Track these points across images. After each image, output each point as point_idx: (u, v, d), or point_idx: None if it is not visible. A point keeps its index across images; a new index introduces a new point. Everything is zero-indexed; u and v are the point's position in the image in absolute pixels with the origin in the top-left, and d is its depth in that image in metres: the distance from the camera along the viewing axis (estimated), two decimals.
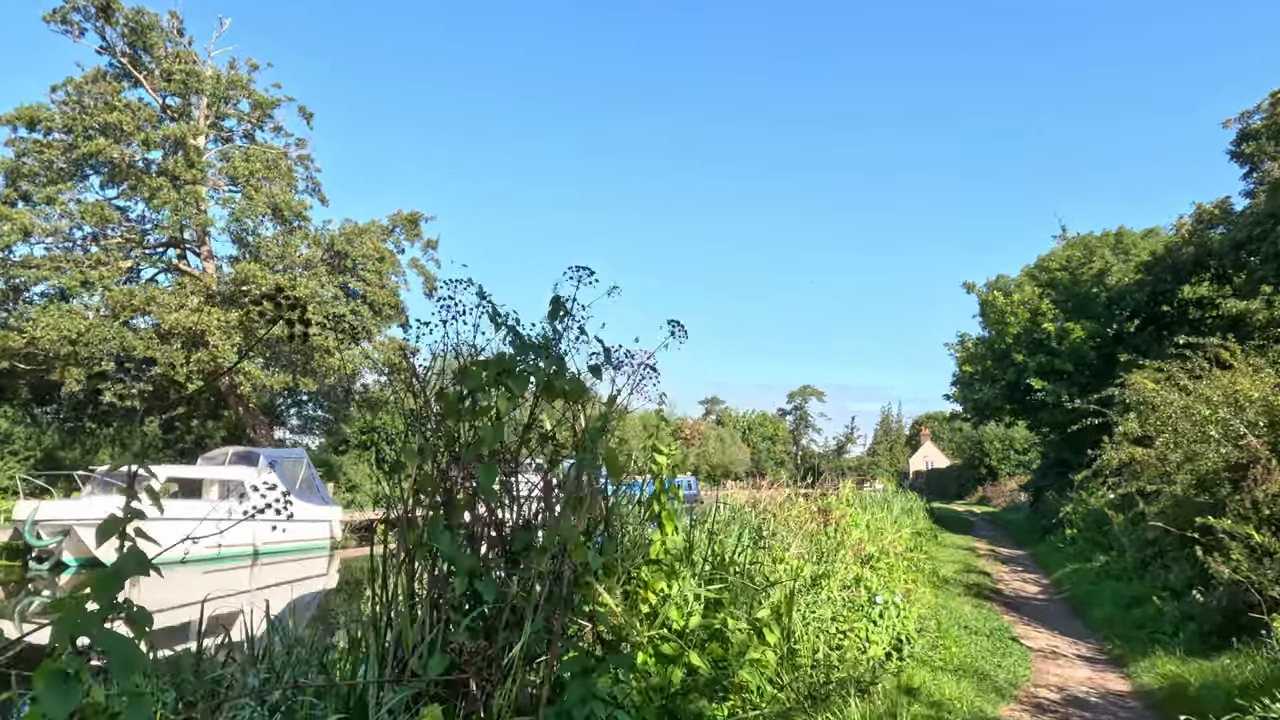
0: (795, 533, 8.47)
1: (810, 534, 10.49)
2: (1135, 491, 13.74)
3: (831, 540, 10.52)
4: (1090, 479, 18.04)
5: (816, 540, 10.32)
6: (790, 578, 6.32)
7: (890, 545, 12.98)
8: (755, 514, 8.58)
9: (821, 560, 7.86)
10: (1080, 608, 11.34)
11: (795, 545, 8.08)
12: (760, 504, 10.15)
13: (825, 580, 7.02)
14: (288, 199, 24.33)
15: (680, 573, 3.80)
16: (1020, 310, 25.04)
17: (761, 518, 8.24)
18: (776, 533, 8.01)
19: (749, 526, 7.66)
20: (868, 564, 7.75)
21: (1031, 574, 15.76)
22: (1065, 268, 25.54)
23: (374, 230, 27.81)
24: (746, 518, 8.20)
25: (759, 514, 8.39)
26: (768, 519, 8.35)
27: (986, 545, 21.03)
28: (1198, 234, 23.53)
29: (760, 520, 8.16)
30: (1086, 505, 18.55)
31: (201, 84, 23.14)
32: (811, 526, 11.01)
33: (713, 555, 5.56)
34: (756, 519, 8.24)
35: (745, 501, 11.69)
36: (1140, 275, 24.62)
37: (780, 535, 8.59)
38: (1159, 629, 8.79)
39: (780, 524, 9.17)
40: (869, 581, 6.96)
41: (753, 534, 7.56)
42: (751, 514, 8.40)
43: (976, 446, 58.57)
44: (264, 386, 23.36)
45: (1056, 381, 24.26)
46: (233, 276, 23.15)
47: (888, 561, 11.90)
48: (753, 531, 7.55)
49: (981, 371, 26.50)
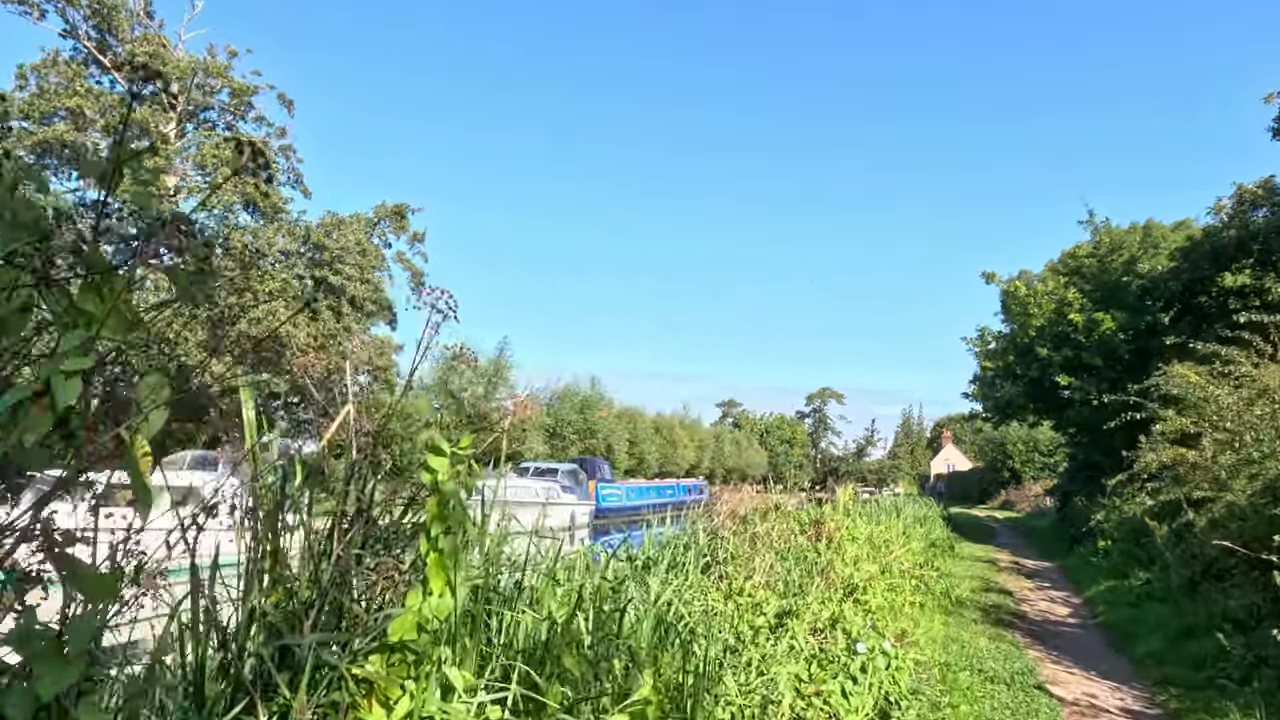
0: (766, 553, 6.81)
1: (796, 553, 8.86)
2: (1182, 498, 11.96)
3: (823, 559, 8.88)
4: (1125, 484, 16.19)
5: (805, 561, 8.69)
6: (735, 623, 4.68)
7: (896, 561, 11.30)
8: (713, 531, 6.91)
9: (790, 592, 6.21)
10: (1120, 638, 9.56)
11: (762, 572, 6.42)
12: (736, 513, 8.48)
13: (794, 620, 5.38)
14: (262, 191, 23.03)
15: (442, 662, 2.20)
16: (1045, 301, 23.14)
17: (719, 535, 6.58)
18: (737, 555, 6.35)
19: (696, 549, 6.02)
20: (852, 595, 6.09)
21: (1059, 591, 13.96)
22: (1094, 254, 23.63)
23: (357, 223, 26.47)
24: (695, 538, 6.54)
25: (720, 530, 6.72)
26: (731, 536, 6.69)
27: (1009, 556, 19.18)
28: (1239, 216, 21.55)
29: (715, 539, 6.51)
30: (1121, 513, 16.67)
31: (167, 67, 21.90)
32: (800, 542, 9.38)
33: (581, 610, 3.67)
34: (707, 539, 6.58)
35: (727, 511, 10.08)
36: (1175, 263, 22.64)
37: (754, 557, 6.96)
38: (1224, 673, 7.05)
39: (754, 541, 7.51)
40: (849, 624, 5.30)
41: (701, 558, 5.92)
42: (703, 532, 6.73)
43: (999, 448, 56.26)
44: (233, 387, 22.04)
45: (1084, 377, 22.35)
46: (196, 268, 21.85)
47: (892, 581, 10.21)
48: (700, 555, 5.91)
49: (1003, 368, 24.61)
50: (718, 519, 6.91)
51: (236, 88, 25.89)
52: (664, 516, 9.92)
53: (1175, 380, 15.06)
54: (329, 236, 24.14)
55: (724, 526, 6.84)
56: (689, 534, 6.57)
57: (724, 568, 6.11)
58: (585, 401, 58.33)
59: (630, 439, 64.00)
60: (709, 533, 6.74)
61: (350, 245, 24.49)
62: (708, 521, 7.04)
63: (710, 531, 6.79)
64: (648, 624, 3.62)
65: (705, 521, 7.12)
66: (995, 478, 56.65)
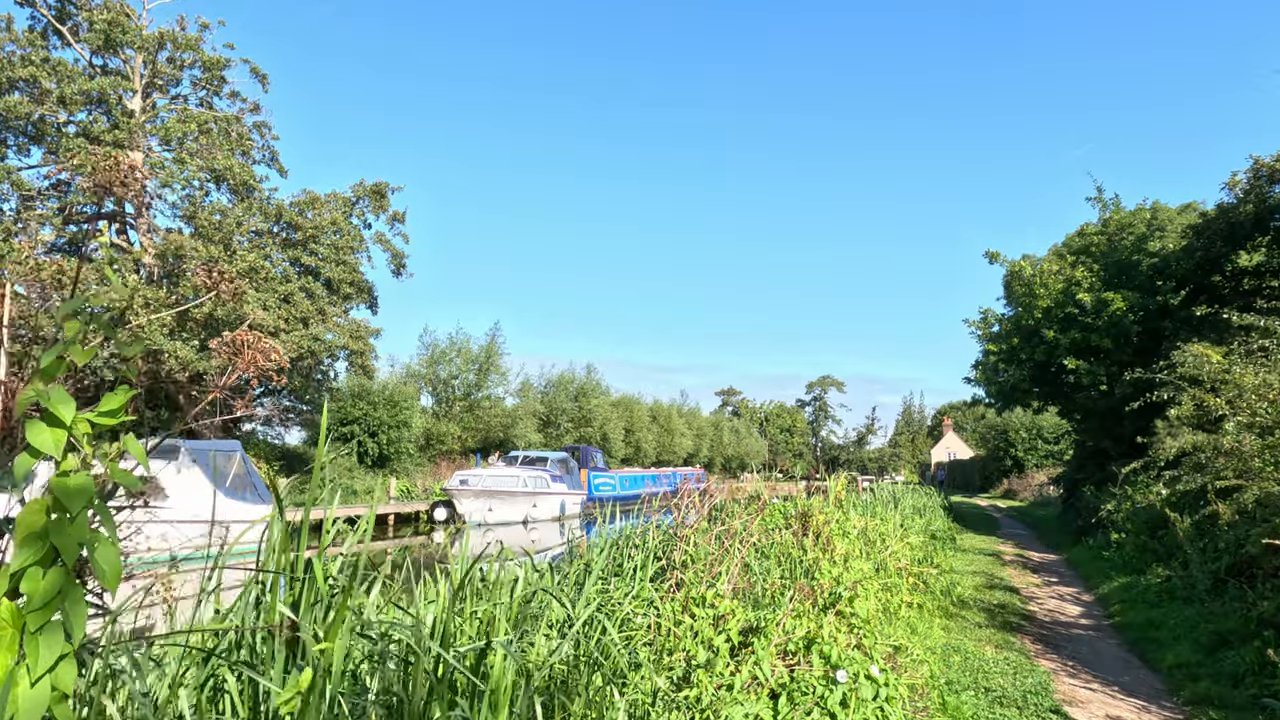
0: (742, 551, 5.79)
1: (779, 550, 7.86)
2: (1208, 487, 10.96)
3: (808, 558, 7.89)
4: (1139, 472, 15.20)
5: (788, 560, 7.69)
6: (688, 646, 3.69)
7: (893, 558, 10.31)
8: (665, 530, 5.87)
9: (764, 602, 5.21)
10: (1141, 643, 8.57)
11: (729, 578, 5.42)
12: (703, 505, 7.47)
13: (760, 639, 4.38)
14: (230, 165, 21.90)
15: None
16: (1051, 280, 22.06)
17: (678, 534, 5.54)
18: (697, 558, 5.33)
19: (644, 550, 5.01)
20: (833, 608, 5.08)
21: (1069, 587, 12.98)
22: (1103, 232, 22.55)
23: (335, 202, 25.34)
24: (643, 540, 5.50)
25: (674, 530, 5.69)
26: (692, 534, 5.67)
27: (1013, 549, 18.21)
28: (1256, 191, 20.44)
29: (671, 539, 5.50)
30: (1133, 504, 15.66)
31: (127, 35, 20.75)
32: (786, 538, 8.38)
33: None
34: (656, 540, 5.56)
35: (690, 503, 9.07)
36: (1188, 240, 21.56)
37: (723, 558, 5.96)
38: (1271, 690, 6.06)
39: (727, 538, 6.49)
40: (826, 646, 4.29)
41: (654, 561, 4.91)
42: (651, 533, 5.69)
43: (1001, 436, 55.21)
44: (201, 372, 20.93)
45: (1093, 360, 21.32)
46: (161, 248, 20.77)
47: (887, 580, 9.22)
48: (653, 558, 4.90)
49: (1006, 351, 23.55)
50: (680, 512, 5.89)
51: (207, 61, 24.74)
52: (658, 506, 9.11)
53: (1195, 359, 14.04)
54: (303, 215, 23.02)
55: (688, 521, 5.81)
56: (639, 532, 5.56)
57: (682, 573, 5.10)
58: (581, 389, 57.36)
59: (627, 427, 63.07)
60: (667, 530, 5.72)
61: (325, 225, 23.38)
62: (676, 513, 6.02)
63: (668, 529, 5.77)
64: (508, 669, 2.60)
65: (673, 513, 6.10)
66: (997, 466, 55.68)
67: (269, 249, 22.56)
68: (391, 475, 34.99)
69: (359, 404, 37.28)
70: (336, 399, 37.01)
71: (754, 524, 7.80)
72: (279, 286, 21.84)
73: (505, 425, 46.09)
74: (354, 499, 29.63)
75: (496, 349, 47.66)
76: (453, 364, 46.62)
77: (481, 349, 47.31)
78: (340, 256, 24.00)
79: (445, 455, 43.10)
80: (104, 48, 21.54)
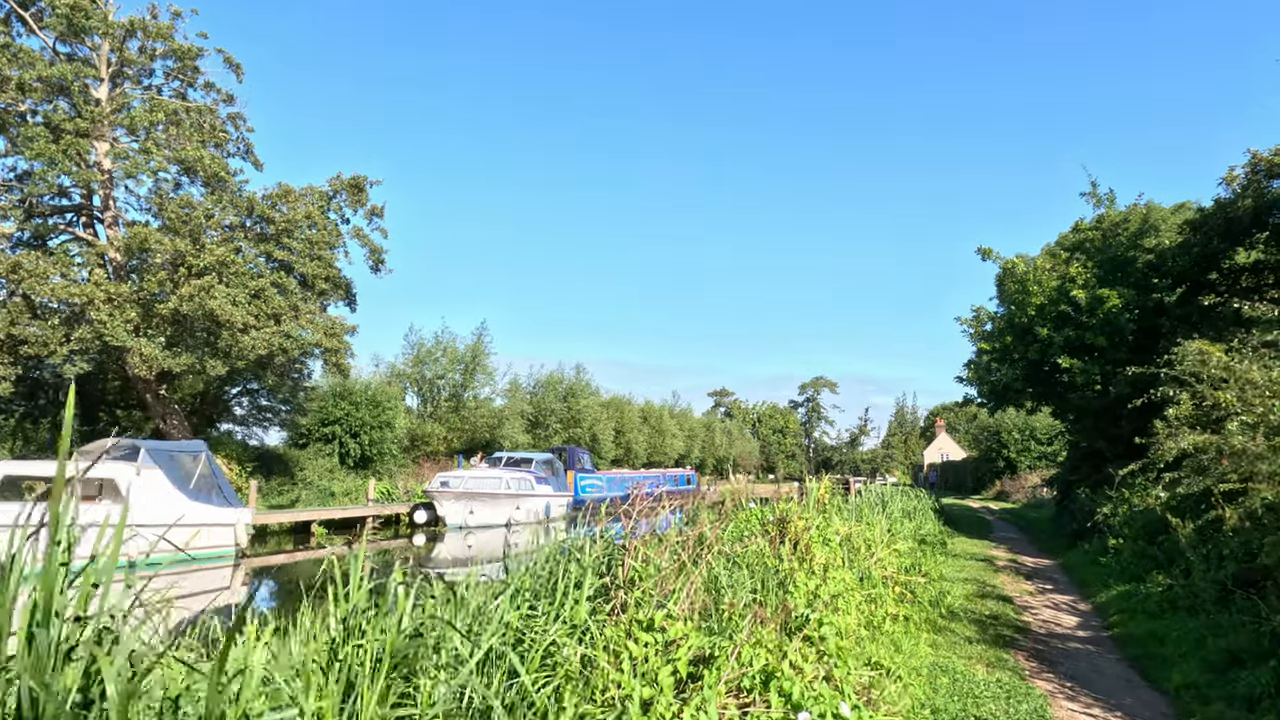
0: (708, 564, 5.14)
1: (750, 560, 7.22)
2: (1211, 490, 10.37)
3: (785, 568, 7.25)
4: (1138, 474, 14.61)
5: (763, 571, 7.05)
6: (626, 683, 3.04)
7: (878, 566, 9.68)
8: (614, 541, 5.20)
9: (726, 625, 4.57)
10: (1144, 661, 7.95)
11: (687, 595, 4.77)
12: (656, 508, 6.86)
13: (711, 672, 3.73)
14: (200, 155, 21.13)
15: None
16: (1045, 276, 21.49)
17: (625, 545, 4.87)
18: (645, 575, 4.67)
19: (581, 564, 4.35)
20: (801, 632, 4.44)
21: (1065, 595, 12.38)
22: (1097, 227, 22.01)
23: (311, 195, 24.56)
24: (586, 552, 4.83)
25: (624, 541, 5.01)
26: (641, 545, 5.01)
27: (1006, 553, 17.62)
28: (1254, 186, 19.89)
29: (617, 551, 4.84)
30: (1130, 506, 15.09)
31: (91, 20, 19.98)
32: (762, 546, 7.74)
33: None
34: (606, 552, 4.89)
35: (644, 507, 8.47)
36: (1185, 236, 21.01)
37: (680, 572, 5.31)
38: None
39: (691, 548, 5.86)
40: (787, 681, 3.64)
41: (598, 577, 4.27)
42: (596, 544, 5.01)
43: (993, 437, 54.69)
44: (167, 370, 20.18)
45: (1087, 359, 20.77)
46: (125, 241, 19.98)
47: (871, 591, 8.59)
48: (595, 572, 4.25)
49: (999, 350, 22.98)
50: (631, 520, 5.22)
51: (178, 50, 23.98)
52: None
53: (1197, 355, 13.46)
54: (275, 209, 22.24)
55: (640, 530, 5.14)
56: (579, 544, 4.89)
57: (630, 592, 4.44)
58: (570, 389, 56.61)
59: (617, 428, 62.35)
60: (611, 542, 5.05)
61: (300, 218, 22.61)
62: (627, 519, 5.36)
63: (613, 540, 5.08)
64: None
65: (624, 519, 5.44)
66: (990, 467, 55.18)
67: (240, 243, 21.78)
68: (373, 476, 34.22)
69: (341, 404, 36.49)
70: (318, 398, 36.22)
71: (719, 532, 7.16)
72: (250, 282, 21.08)
73: (491, 426, 45.33)
74: (332, 501, 28.88)
75: (483, 348, 46.91)
76: (438, 363, 45.87)
77: (468, 348, 46.57)
78: (315, 251, 23.21)
79: (430, 456, 42.35)
80: (68, 34, 20.76)
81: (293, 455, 34.23)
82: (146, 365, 19.49)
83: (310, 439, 35.99)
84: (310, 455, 34.67)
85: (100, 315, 18.42)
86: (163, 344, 19.87)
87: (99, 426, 26.70)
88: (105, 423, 27.35)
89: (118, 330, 18.77)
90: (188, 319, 19.70)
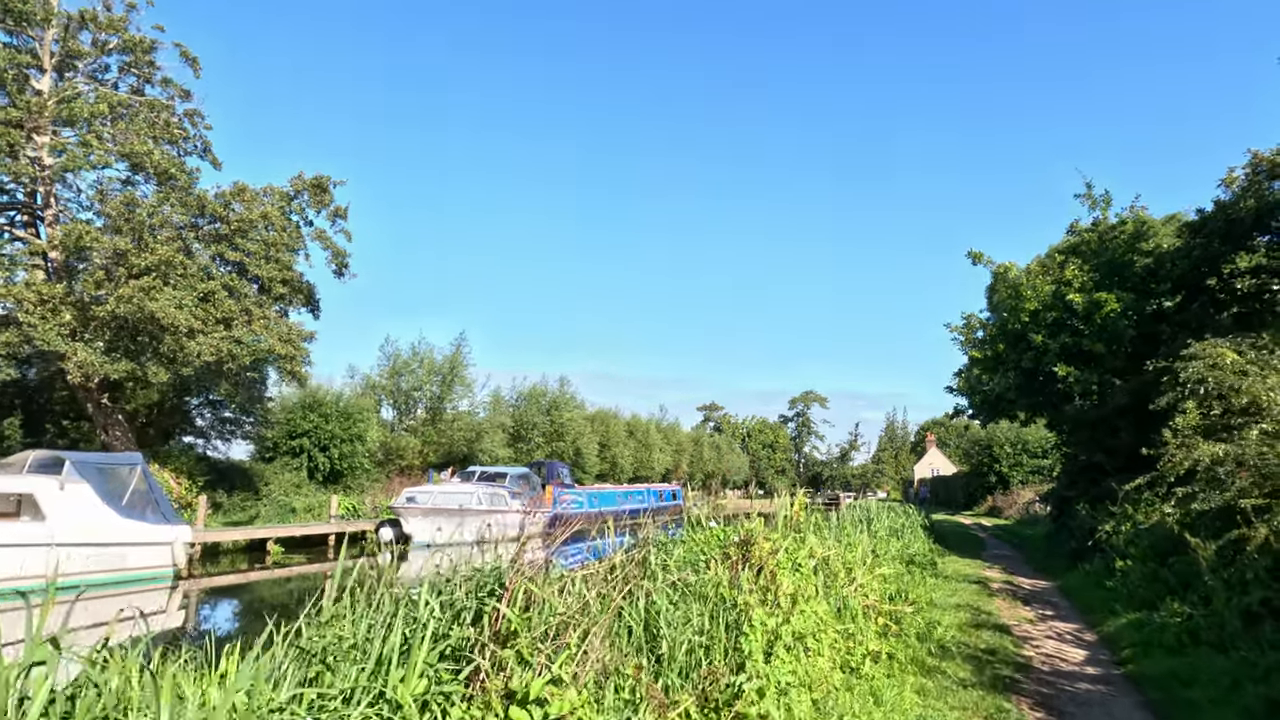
0: (604, 609, 3.93)
1: (699, 591, 6.01)
2: (1232, 505, 9.23)
3: (743, 600, 6.04)
4: (1144, 488, 13.48)
5: (716, 604, 5.84)
6: None
7: (859, 593, 8.48)
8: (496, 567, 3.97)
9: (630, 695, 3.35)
10: (1169, 709, 6.75)
11: (593, 649, 3.56)
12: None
13: None
14: (148, 150, 19.91)
15: None
16: (1039, 281, 20.46)
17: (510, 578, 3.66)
18: (522, 628, 3.44)
19: (424, 621, 3.13)
20: (732, 708, 3.24)
21: (1067, 623, 11.19)
22: (1094, 229, 21.02)
23: (271, 195, 23.34)
24: (448, 591, 3.60)
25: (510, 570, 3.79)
26: (531, 582, 3.80)
27: (1001, 574, 16.44)
28: (1255, 187, 18.95)
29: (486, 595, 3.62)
30: (1134, 523, 13.91)
31: (28, 5, 18.77)
32: (718, 574, 6.54)
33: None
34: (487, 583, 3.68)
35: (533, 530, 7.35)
36: (1184, 239, 20.04)
37: (585, 619, 4.10)
38: None
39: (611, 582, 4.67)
40: None
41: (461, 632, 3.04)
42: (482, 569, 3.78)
43: (985, 451, 53.58)
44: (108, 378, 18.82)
45: (1084, 367, 19.68)
46: (60, 239, 18.69)
47: (849, 626, 7.39)
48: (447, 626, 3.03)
49: (991, 358, 21.89)
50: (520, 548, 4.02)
51: (130, 42, 22.81)
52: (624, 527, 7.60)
53: (1205, 359, 12.38)
54: (228, 207, 21.00)
55: (531, 560, 3.92)
56: (446, 578, 3.68)
57: (501, 647, 3.23)
58: (553, 402, 55.27)
59: (602, 442, 61.02)
60: (481, 582, 3.81)
61: (256, 218, 21.36)
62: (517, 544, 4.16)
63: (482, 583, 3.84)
64: None
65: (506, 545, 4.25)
66: (981, 482, 54.05)
67: (189, 242, 20.51)
68: (341, 491, 32.81)
69: (309, 416, 35.09)
70: (285, 410, 34.81)
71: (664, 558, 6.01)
72: (199, 284, 19.79)
73: (470, 439, 43.94)
74: (293, 517, 27.45)
75: (462, 359, 45.64)
76: (415, 375, 44.53)
77: (446, 359, 45.27)
78: (272, 253, 21.95)
79: (405, 471, 40.93)
80: (6, 21, 19.55)
81: (258, 469, 32.80)
82: (82, 372, 18.16)
83: (277, 452, 34.57)
84: (277, 469, 33.25)
85: (30, 318, 17.12)
86: (101, 349, 18.54)
87: (45, 439, 25.28)
88: (52, 434, 25.93)
89: (49, 334, 17.45)
90: (128, 322, 18.38)
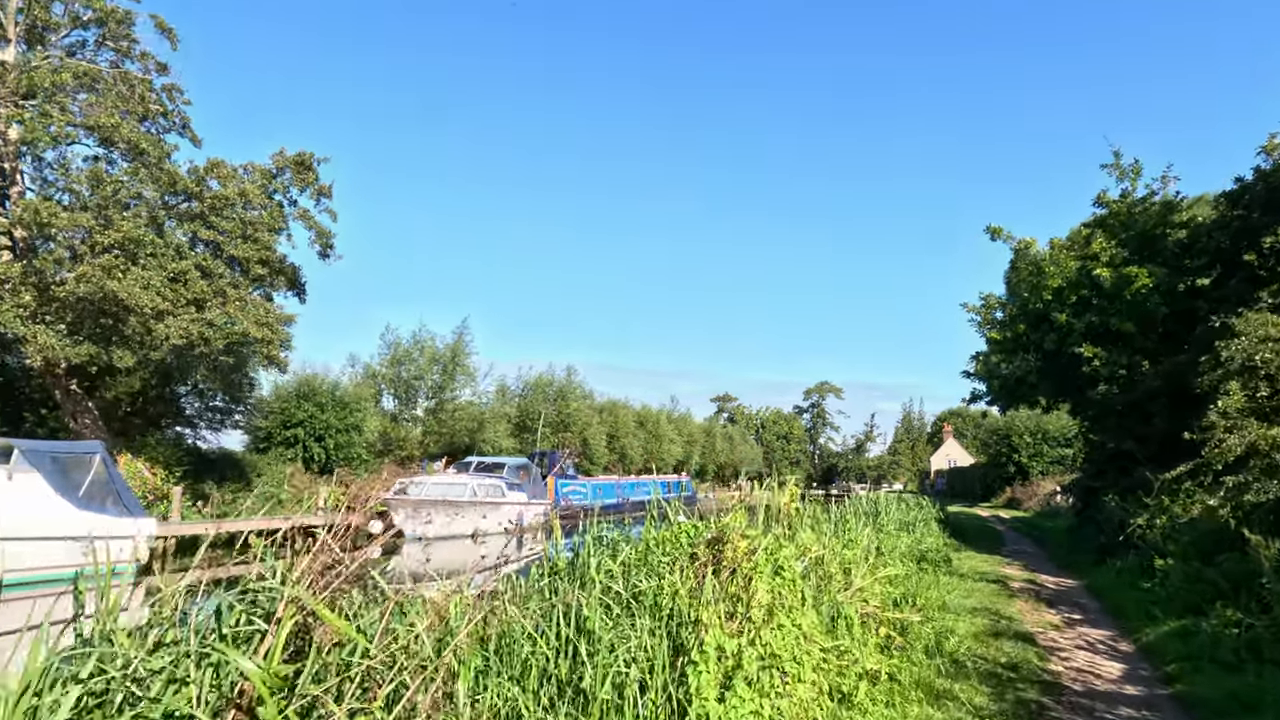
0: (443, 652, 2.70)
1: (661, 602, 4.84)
2: None
3: (703, 614, 4.84)
4: (1185, 477, 12.14)
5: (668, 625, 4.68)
6: None
7: (857, 599, 7.25)
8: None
9: None
10: None
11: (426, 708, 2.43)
12: None
13: None
14: (116, 124, 18.89)
15: None
16: (1064, 257, 19.01)
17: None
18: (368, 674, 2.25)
19: None
20: None
21: (1099, 629, 9.87)
22: (1122, 200, 19.51)
23: (251, 173, 22.30)
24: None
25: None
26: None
27: (1022, 571, 15.12)
28: None
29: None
30: (1171, 517, 12.52)
31: None
32: (674, 582, 5.35)
33: None
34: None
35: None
36: (1220, 210, 18.50)
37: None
38: None
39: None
40: None
41: None
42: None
43: (1003, 441, 51.89)
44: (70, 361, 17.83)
45: (1112, 348, 18.24)
46: (17, 215, 17.68)
47: (841, 643, 6.17)
48: None
49: (1011, 339, 20.48)
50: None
51: (102, 12, 21.78)
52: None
53: (1255, 332, 11.01)
54: (202, 184, 19.95)
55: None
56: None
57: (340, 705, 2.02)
58: (560, 392, 54.13)
59: (610, 433, 59.83)
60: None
61: (233, 195, 20.32)
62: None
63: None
64: None
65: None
66: (999, 473, 52.42)
67: (161, 219, 19.49)
68: (330, 483, 31.87)
69: (305, 405, 34.19)
70: (279, 399, 33.93)
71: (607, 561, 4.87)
72: (170, 263, 18.77)
73: (472, 429, 42.92)
74: (279, 509, 26.48)
75: (464, 347, 44.55)
76: (416, 363, 43.53)
77: (448, 347, 44.22)
78: (249, 232, 20.90)
79: (405, 461, 39.99)
80: None
81: (250, 460, 31.91)
82: (43, 356, 17.18)
83: (272, 443, 33.70)
84: (271, 460, 32.37)
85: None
86: (64, 332, 17.57)
87: (24, 428, 24.43)
88: (31, 424, 25.07)
89: (6, 316, 16.49)
90: (90, 303, 17.39)
